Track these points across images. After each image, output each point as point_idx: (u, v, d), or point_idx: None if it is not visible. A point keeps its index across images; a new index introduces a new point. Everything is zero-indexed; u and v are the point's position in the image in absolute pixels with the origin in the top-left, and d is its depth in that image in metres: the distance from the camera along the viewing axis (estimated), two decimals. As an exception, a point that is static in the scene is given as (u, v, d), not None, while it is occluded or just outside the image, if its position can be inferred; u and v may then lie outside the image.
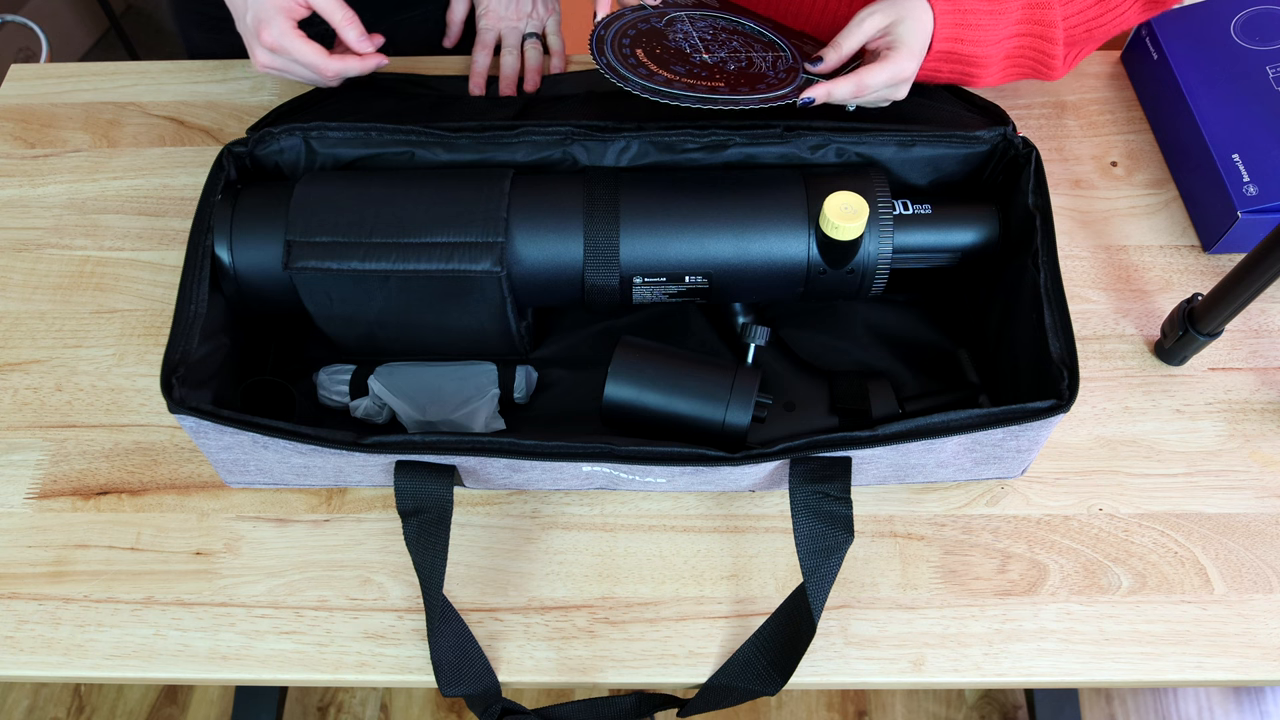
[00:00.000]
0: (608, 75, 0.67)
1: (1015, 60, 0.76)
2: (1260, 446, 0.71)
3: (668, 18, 0.75)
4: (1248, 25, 0.85)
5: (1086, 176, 0.85)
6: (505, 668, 0.64)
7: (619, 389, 0.64)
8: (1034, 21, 0.73)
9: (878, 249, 0.67)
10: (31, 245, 0.83)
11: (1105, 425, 0.72)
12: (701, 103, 0.66)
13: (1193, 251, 0.80)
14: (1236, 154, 0.78)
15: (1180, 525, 0.68)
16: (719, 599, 0.66)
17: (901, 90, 0.72)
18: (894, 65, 0.70)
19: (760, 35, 0.76)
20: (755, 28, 0.77)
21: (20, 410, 0.74)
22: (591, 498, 0.70)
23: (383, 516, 0.70)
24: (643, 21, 0.73)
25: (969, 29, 0.71)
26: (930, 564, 0.67)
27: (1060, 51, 0.75)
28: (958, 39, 0.71)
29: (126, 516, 0.70)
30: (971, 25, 0.71)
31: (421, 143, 0.72)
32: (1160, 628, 0.64)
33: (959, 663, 0.63)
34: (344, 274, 0.65)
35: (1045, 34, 0.74)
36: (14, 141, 0.90)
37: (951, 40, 0.71)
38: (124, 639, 0.65)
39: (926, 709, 1.36)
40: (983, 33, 0.72)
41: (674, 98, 0.66)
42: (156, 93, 0.93)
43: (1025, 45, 0.75)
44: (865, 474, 0.66)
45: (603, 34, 0.71)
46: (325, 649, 0.65)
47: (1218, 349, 0.75)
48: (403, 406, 0.71)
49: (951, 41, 0.71)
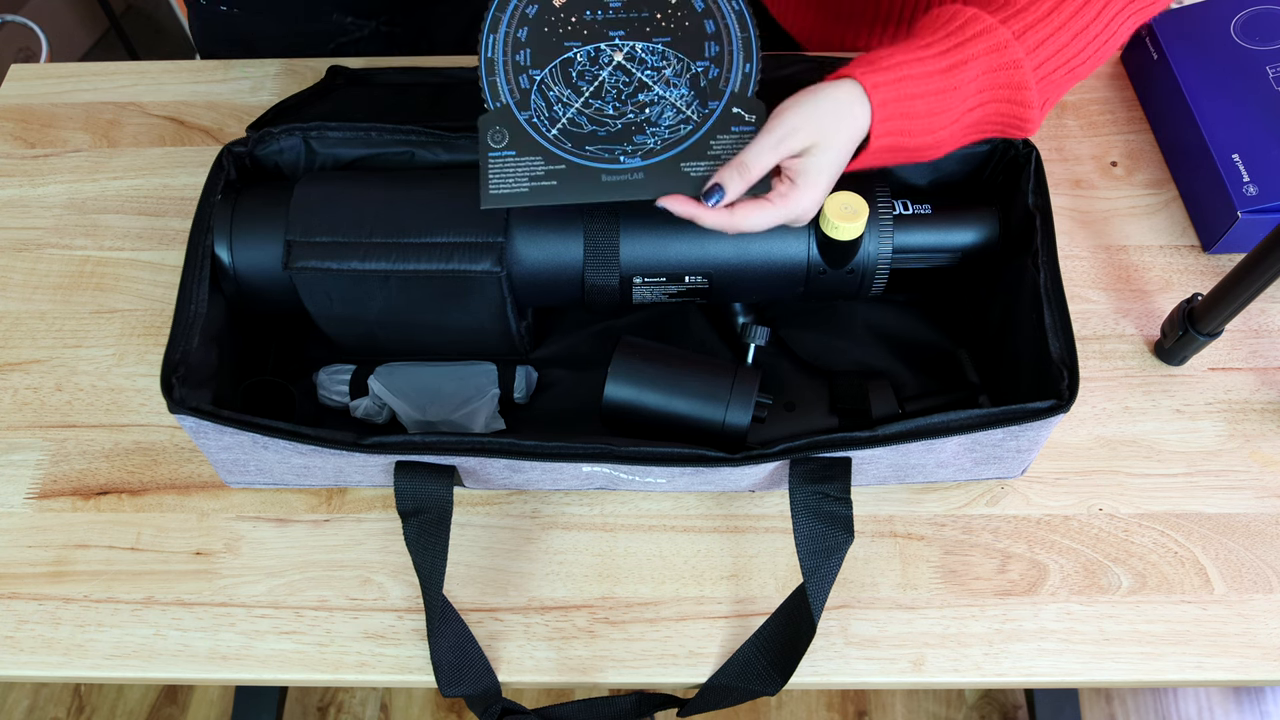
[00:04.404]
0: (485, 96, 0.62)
1: (978, 128, 0.62)
2: (1260, 446, 0.71)
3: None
4: (1248, 25, 0.85)
5: (1086, 176, 0.85)
6: (505, 668, 0.64)
7: (619, 389, 0.64)
8: (1000, 85, 0.59)
9: (878, 249, 0.67)
10: (31, 245, 0.83)
11: (1105, 425, 0.72)
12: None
13: (1193, 251, 0.80)
14: (1236, 154, 0.78)
15: (1180, 525, 0.68)
16: (719, 599, 0.66)
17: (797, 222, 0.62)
18: (787, 209, 0.60)
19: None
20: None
21: (20, 410, 0.74)
22: (591, 498, 0.70)
23: (383, 516, 0.70)
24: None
25: (914, 119, 0.59)
26: (930, 564, 0.67)
27: (1037, 111, 0.61)
28: (902, 131, 0.59)
29: (126, 516, 0.70)
30: (917, 114, 0.58)
31: (421, 143, 0.72)
32: (1160, 628, 0.64)
33: (959, 663, 0.63)
34: (344, 274, 0.65)
35: (1015, 96, 0.60)
36: (14, 141, 0.90)
37: (894, 134, 0.59)
38: (124, 639, 0.65)
39: (926, 709, 1.36)
40: (933, 119, 0.59)
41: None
42: (156, 93, 0.93)
43: (990, 112, 0.61)
44: (865, 474, 0.66)
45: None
46: (325, 649, 0.65)
47: (1218, 349, 0.75)
48: (403, 406, 0.71)
49: (894, 135, 0.59)
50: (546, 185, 0.60)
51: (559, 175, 0.61)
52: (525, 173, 0.61)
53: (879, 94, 0.58)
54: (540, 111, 0.62)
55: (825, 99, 0.58)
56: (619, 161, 0.61)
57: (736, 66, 0.63)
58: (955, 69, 0.58)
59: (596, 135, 0.62)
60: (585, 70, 0.63)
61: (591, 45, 0.63)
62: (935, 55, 0.59)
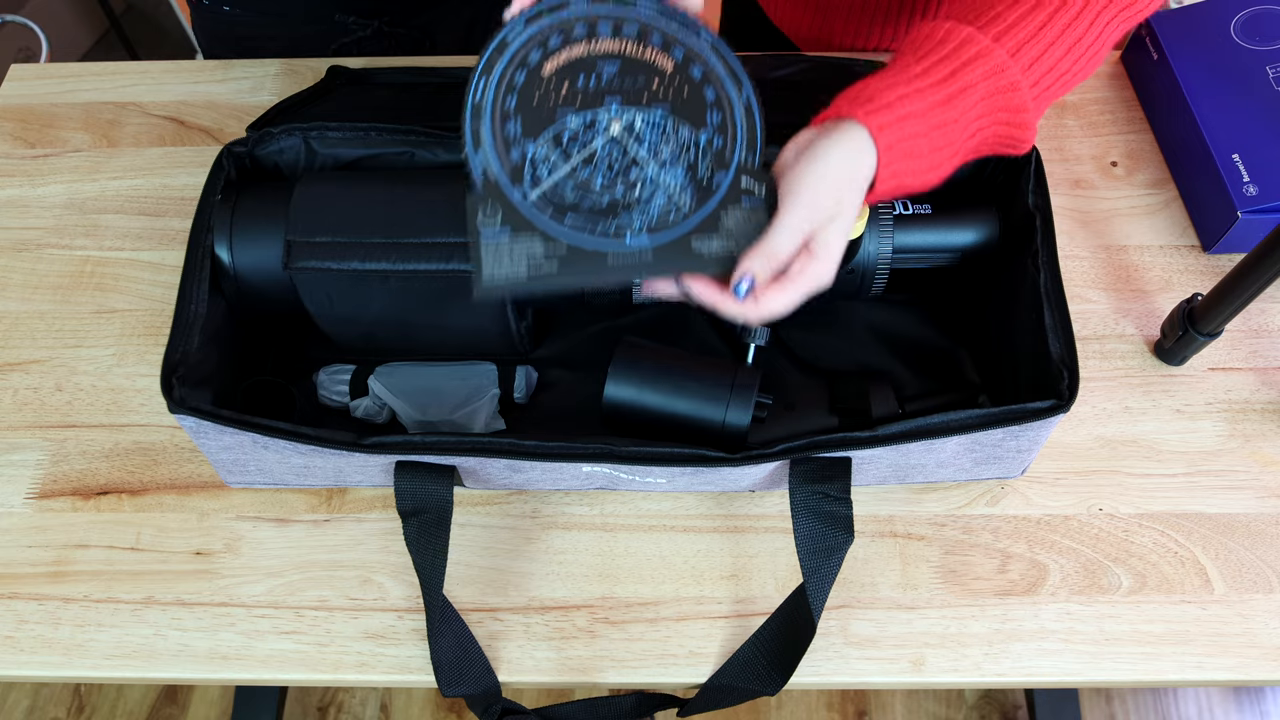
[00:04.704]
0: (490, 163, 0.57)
1: (976, 152, 0.60)
2: (1260, 446, 0.71)
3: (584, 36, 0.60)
4: (1248, 25, 0.85)
5: (1086, 176, 0.85)
6: (505, 668, 0.64)
7: (619, 389, 0.64)
8: (999, 109, 0.58)
9: (878, 249, 0.67)
10: (31, 245, 0.83)
11: (1105, 425, 0.72)
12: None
13: (1193, 251, 0.80)
14: (1236, 154, 0.78)
15: (1180, 525, 0.68)
16: (719, 599, 0.66)
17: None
18: (809, 283, 0.56)
19: (706, 81, 0.60)
20: (707, 58, 0.61)
21: (20, 410, 0.74)
22: (591, 498, 0.70)
23: (383, 516, 0.70)
24: (556, 35, 0.60)
25: (918, 158, 0.56)
26: (930, 564, 0.67)
27: (1034, 130, 0.60)
28: (907, 172, 0.57)
29: (126, 516, 0.70)
30: (921, 154, 0.56)
31: (421, 143, 0.72)
32: (1160, 628, 0.64)
33: (959, 663, 0.63)
34: (344, 274, 0.65)
35: (1014, 119, 0.58)
36: (14, 141, 0.90)
37: (899, 175, 0.57)
38: (124, 639, 0.65)
39: (926, 709, 1.36)
40: (935, 155, 0.57)
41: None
42: (156, 93, 0.93)
43: (989, 135, 0.59)
44: (865, 474, 0.66)
45: (506, 40, 0.59)
46: (325, 649, 0.65)
47: (1218, 349, 0.75)
48: (403, 406, 0.71)
49: (899, 177, 0.57)
50: (546, 268, 0.56)
51: (559, 257, 0.56)
52: (522, 254, 0.56)
53: (885, 137, 0.55)
54: (529, 180, 0.58)
55: (835, 159, 0.55)
56: (624, 241, 0.57)
57: (741, 133, 0.59)
58: (955, 98, 0.56)
59: (579, 206, 0.57)
60: (579, 136, 0.59)
61: (587, 112, 0.59)
62: (934, 85, 0.56)
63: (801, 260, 0.56)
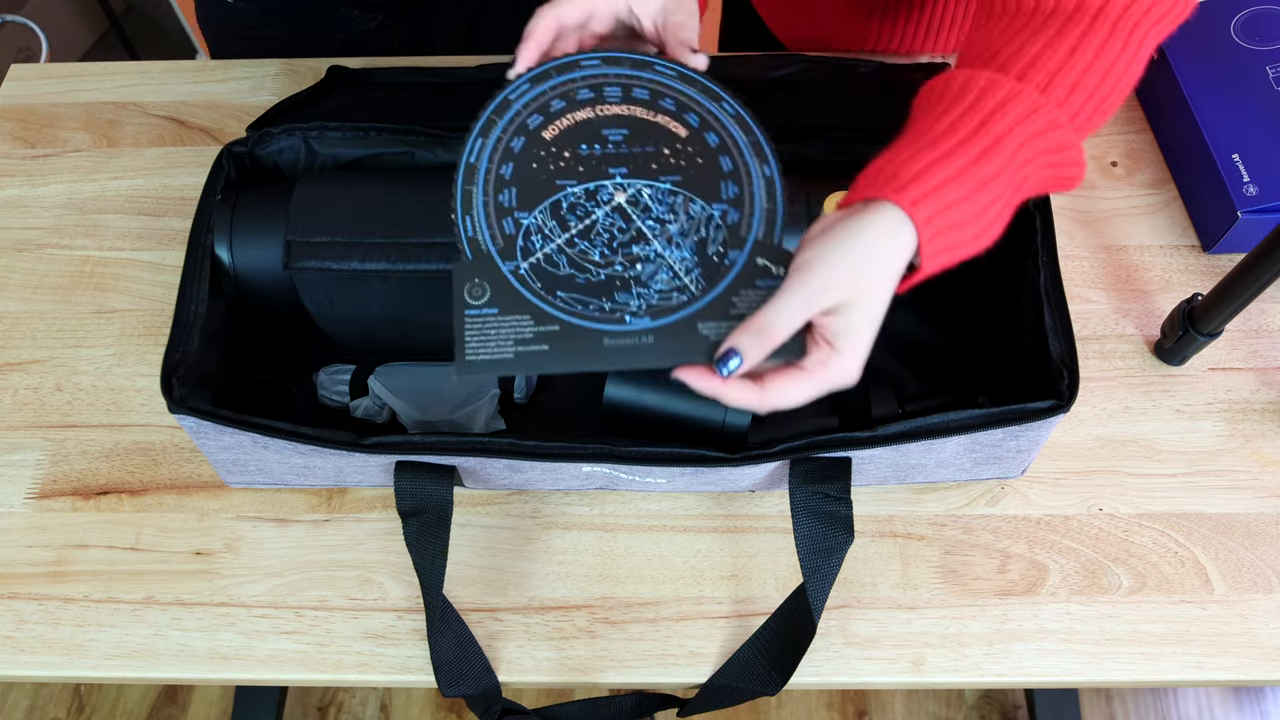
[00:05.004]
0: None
1: (1027, 196, 0.55)
2: (1260, 446, 0.71)
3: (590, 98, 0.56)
4: (1248, 25, 0.85)
5: (1086, 176, 0.85)
6: (505, 668, 0.64)
7: (619, 389, 0.64)
8: (1042, 151, 0.52)
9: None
10: (31, 245, 0.83)
11: (1105, 425, 0.72)
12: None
13: (1193, 251, 0.80)
14: (1236, 154, 0.78)
15: (1180, 525, 0.68)
16: (719, 599, 0.66)
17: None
18: (828, 378, 0.50)
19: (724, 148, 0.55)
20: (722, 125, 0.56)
21: (20, 410, 0.74)
22: (591, 498, 0.70)
23: (383, 516, 0.70)
24: (567, 95, 0.56)
25: (963, 227, 0.50)
26: (930, 564, 0.67)
27: (1084, 163, 0.54)
28: (955, 244, 0.51)
29: (126, 516, 0.70)
30: (966, 222, 0.50)
31: (421, 143, 0.72)
32: (1160, 628, 0.64)
33: (959, 663, 0.63)
34: (344, 274, 0.65)
35: (1061, 158, 0.53)
36: (14, 141, 0.90)
37: (947, 249, 0.51)
38: (124, 639, 0.65)
39: (926, 709, 1.36)
40: (982, 217, 0.51)
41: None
42: (156, 93, 0.93)
43: (1036, 181, 0.53)
44: (865, 474, 0.66)
45: (509, 98, 0.56)
46: (325, 649, 0.65)
47: (1218, 349, 0.75)
48: (403, 406, 0.71)
49: (947, 251, 0.51)
50: (535, 349, 0.52)
51: (551, 337, 0.52)
52: (510, 334, 0.52)
53: (921, 211, 0.49)
54: (520, 252, 0.53)
55: (859, 240, 0.49)
56: (623, 321, 0.52)
57: (759, 209, 0.54)
58: (990, 152, 0.50)
59: (573, 281, 0.53)
60: (578, 205, 0.54)
61: (590, 183, 0.54)
62: (963, 143, 0.50)
63: (820, 351, 0.50)
